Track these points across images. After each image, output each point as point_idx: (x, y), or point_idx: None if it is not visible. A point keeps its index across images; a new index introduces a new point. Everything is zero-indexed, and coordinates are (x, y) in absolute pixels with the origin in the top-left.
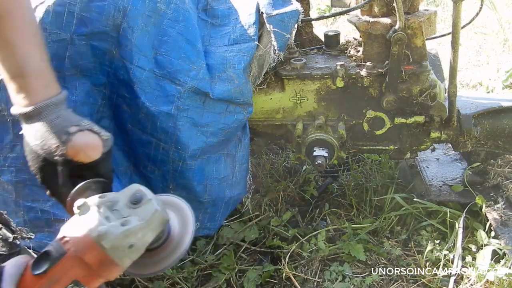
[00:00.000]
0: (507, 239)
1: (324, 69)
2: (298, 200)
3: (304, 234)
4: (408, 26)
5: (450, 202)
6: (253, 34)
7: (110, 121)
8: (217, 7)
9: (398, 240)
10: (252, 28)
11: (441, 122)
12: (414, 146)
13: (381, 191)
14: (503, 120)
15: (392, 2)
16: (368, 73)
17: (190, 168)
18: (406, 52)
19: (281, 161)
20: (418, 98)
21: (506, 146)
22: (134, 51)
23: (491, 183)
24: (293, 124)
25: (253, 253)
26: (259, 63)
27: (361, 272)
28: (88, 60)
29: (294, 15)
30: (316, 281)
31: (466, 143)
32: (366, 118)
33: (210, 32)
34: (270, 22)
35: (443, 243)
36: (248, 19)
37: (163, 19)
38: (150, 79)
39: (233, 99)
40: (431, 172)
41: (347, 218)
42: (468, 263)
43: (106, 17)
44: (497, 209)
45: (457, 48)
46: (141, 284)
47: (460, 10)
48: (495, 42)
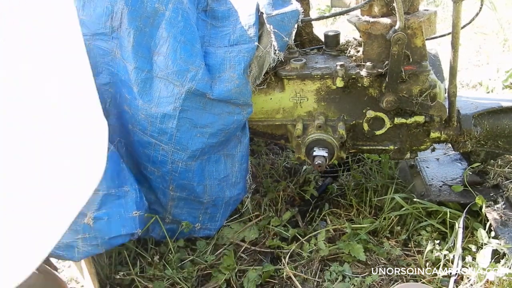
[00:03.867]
0: (507, 239)
1: (324, 69)
2: (298, 200)
3: (304, 234)
4: (408, 26)
5: (450, 202)
6: (253, 34)
7: (116, 120)
8: (217, 8)
9: (398, 240)
10: (252, 28)
11: (441, 122)
12: (414, 146)
13: (381, 191)
14: (503, 120)
15: (392, 2)
16: (368, 73)
17: (190, 169)
18: (406, 52)
19: (281, 161)
20: (418, 98)
21: (506, 146)
22: (132, 52)
23: (491, 183)
24: (293, 124)
25: (253, 253)
26: (259, 63)
27: (361, 272)
28: (93, 60)
29: (294, 15)
30: (316, 281)
31: (466, 143)
32: (366, 118)
33: (210, 33)
34: (270, 23)
35: (443, 243)
36: (248, 19)
37: (162, 20)
38: (149, 80)
39: (233, 99)
40: (431, 172)
41: (347, 218)
42: (468, 263)
43: (106, 19)
44: (497, 209)
45: (457, 48)
46: (141, 284)
47: (460, 10)
48: (495, 42)
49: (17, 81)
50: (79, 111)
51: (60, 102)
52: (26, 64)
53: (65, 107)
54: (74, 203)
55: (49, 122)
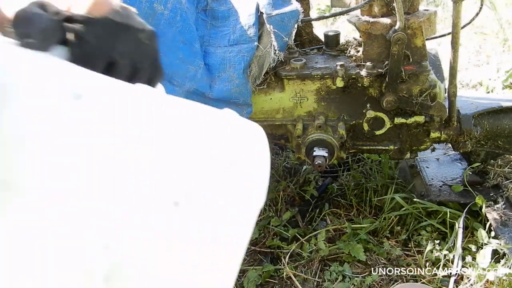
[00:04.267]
0: (507, 239)
1: (324, 69)
2: (298, 200)
3: (304, 234)
4: (408, 26)
5: (450, 202)
6: (253, 34)
7: None
8: (217, 7)
9: (398, 240)
10: (252, 28)
11: (441, 122)
12: (414, 146)
13: (381, 191)
14: (503, 120)
15: (392, 2)
16: (368, 73)
17: None
18: (406, 52)
19: (281, 161)
20: (418, 98)
21: (506, 146)
22: None
23: (491, 183)
24: (293, 124)
25: (253, 253)
26: (259, 63)
27: (361, 272)
28: None
29: (294, 15)
30: (316, 281)
31: (466, 143)
32: (366, 118)
33: (210, 33)
34: (270, 23)
35: (443, 243)
36: (248, 19)
37: (160, 20)
38: None
39: (233, 99)
40: (431, 172)
41: (347, 218)
42: (468, 263)
43: None
44: (497, 209)
45: (457, 48)
46: None
47: (460, 10)
48: (495, 42)
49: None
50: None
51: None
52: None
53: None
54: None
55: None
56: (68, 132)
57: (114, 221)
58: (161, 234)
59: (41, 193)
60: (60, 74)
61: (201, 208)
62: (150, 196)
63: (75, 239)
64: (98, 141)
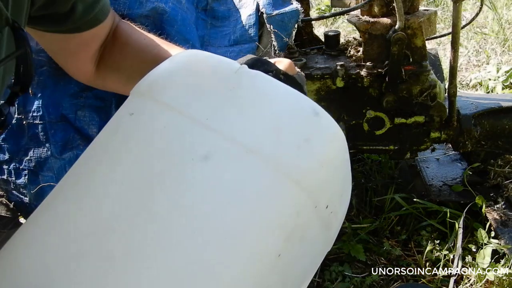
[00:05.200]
0: (507, 239)
1: (324, 69)
2: None
3: None
4: (408, 26)
5: (450, 202)
6: (253, 34)
7: None
8: (217, 7)
9: (398, 240)
10: (252, 28)
11: (441, 122)
12: (414, 146)
13: (381, 191)
14: (503, 120)
15: (392, 2)
16: (368, 73)
17: None
18: (406, 52)
19: None
20: (418, 98)
21: (506, 146)
22: None
23: (491, 183)
24: None
25: None
26: None
27: (361, 272)
28: None
29: (294, 15)
30: (316, 281)
31: (466, 143)
32: (366, 118)
33: (210, 32)
34: (270, 22)
35: (443, 243)
36: (248, 19)
37: (162, 18)
38: None
39: None
40: (431, 172)
41: (347, 218)
42: (468, 263)
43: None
44: (497, 209)
45: (457, 48)
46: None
47: (460, 10)
48: (495, 42)
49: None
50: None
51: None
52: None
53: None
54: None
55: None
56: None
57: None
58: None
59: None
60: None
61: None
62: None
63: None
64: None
